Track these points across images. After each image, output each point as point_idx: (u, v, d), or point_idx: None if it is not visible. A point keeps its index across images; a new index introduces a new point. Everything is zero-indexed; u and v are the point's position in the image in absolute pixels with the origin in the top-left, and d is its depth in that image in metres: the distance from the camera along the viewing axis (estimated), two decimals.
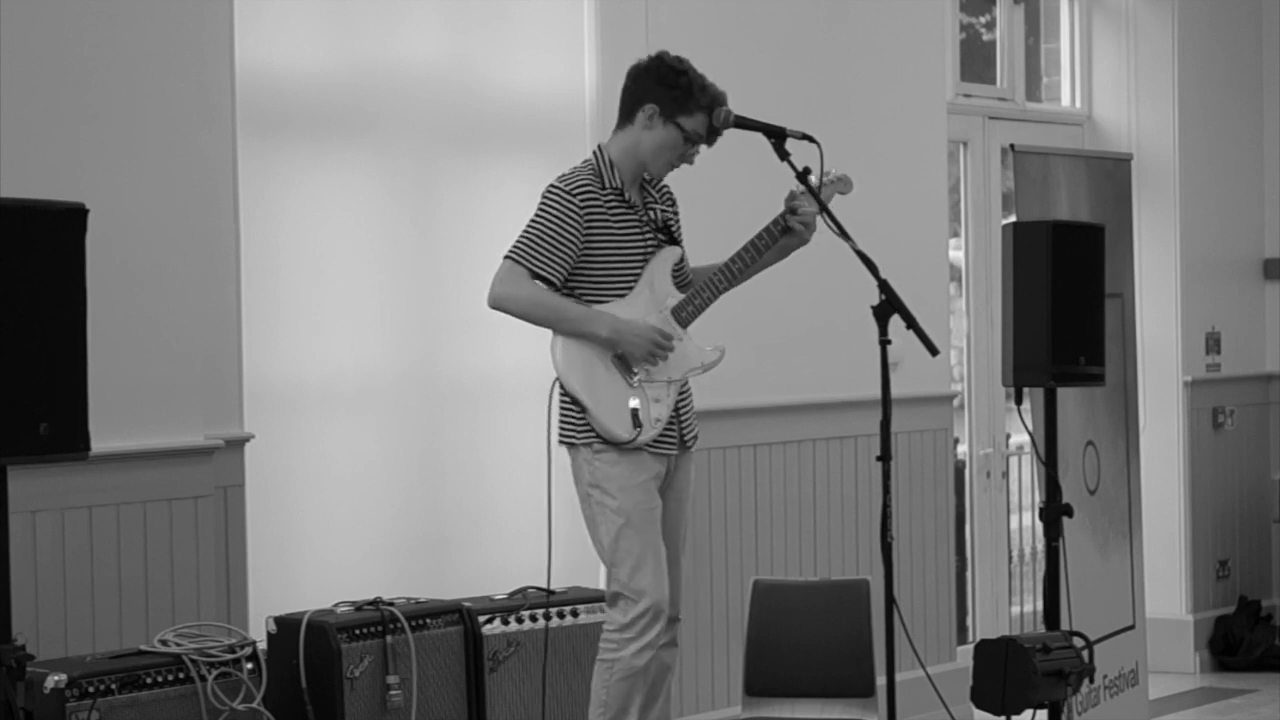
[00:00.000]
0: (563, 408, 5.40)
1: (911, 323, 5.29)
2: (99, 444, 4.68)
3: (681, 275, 5.56)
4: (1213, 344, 9.35)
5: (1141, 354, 8.53)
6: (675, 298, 5.48)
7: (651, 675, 5.37)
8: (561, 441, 5.41)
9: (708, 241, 5.71)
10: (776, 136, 5.44)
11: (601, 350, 5.35)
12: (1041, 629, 6.55)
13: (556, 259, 5.31)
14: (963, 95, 8.54)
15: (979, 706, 6.00)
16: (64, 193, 4.79)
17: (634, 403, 5.34)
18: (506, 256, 5.33)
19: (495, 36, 6.69)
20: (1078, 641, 6.04)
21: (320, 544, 6.22)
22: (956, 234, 8.50)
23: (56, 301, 4.50)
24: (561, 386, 5.37)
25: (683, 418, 5.49)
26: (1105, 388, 6.99)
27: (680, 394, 5.48)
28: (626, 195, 5.44)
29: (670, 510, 5.47)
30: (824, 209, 5.35)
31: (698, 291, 5.49)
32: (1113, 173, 7.63)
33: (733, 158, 6.72)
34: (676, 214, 5.60)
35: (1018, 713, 5.92)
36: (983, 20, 8.96)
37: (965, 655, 7.07)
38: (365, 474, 6.31)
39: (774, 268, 5.70)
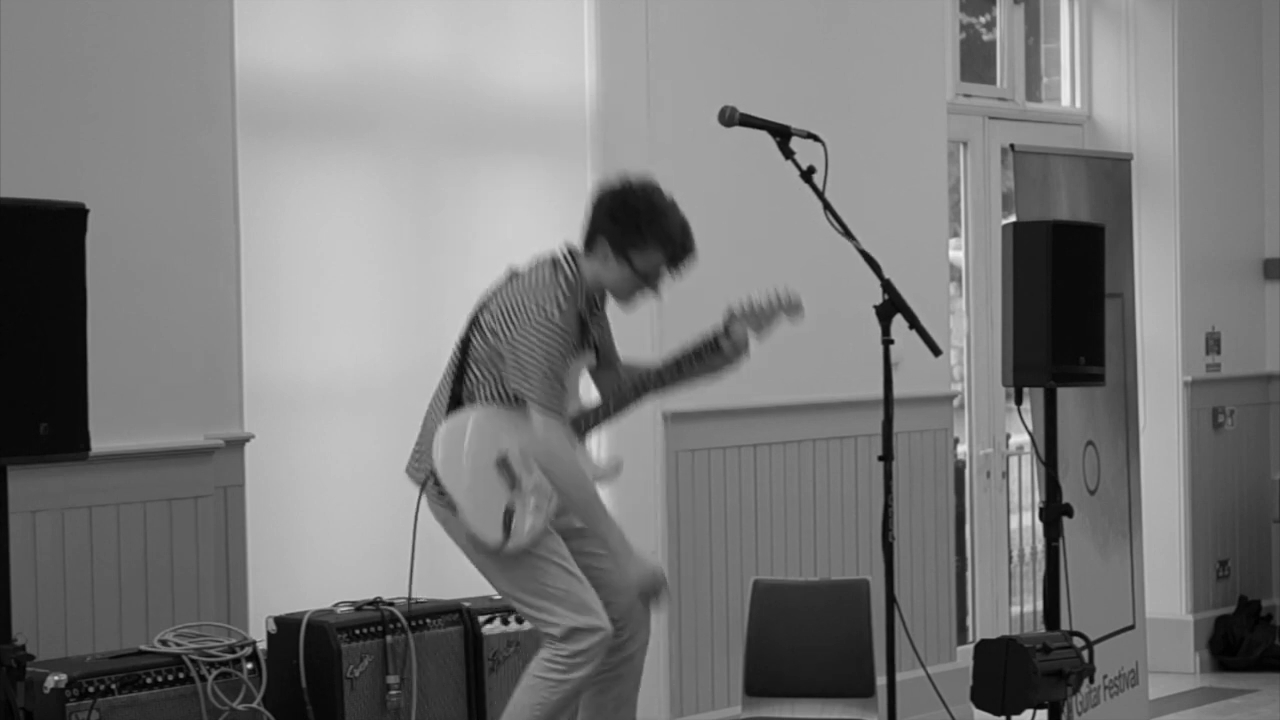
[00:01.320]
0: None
1: (914, 323, 5.28)
2: (99, 444, 4.67)
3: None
4: (1213, 344, 9.35)
5: (1141, 354, 8.52)
6: (577, 406, 5.37)
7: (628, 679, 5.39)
8: (434, 498, 5.30)
9: (709, 243, 5.68)
10: (781, 135, 5.43)
11: (490, 447, 5.21)
12: (1041, 629, 6.55)
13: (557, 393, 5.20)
14: (963, 95, 8.54)
15: (979, 706, 6.00)
16: (64, 193, 4.79)
17: (508, 509, 5.22)
18: (539, 405, 5.10)
19: (495, 36, 6.69)
20: (1078, 641, 6.04)
21: (320, 544, 6.22)
22: (956, 234, 8.50)
23: (56, 301, 4.50)
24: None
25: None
26: (1105, 388, 6.99)
27: None
28: (584, 317, 5.33)
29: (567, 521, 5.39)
30: (828, 208, 5.34)
31: (604, 403, 5.40)
32: (1113, 173, 7.62)
33: (733, 157, 6.73)
34: (608, 337, 5.48)
35: (1018, 713, 5.92)
36: (983, 20, 8.96)
37: (965, 655, 7.06)
38: (365, 474, 6.30)
39: (774, 266, 5.70)
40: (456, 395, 5.29)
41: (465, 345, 5.30)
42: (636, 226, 5.23)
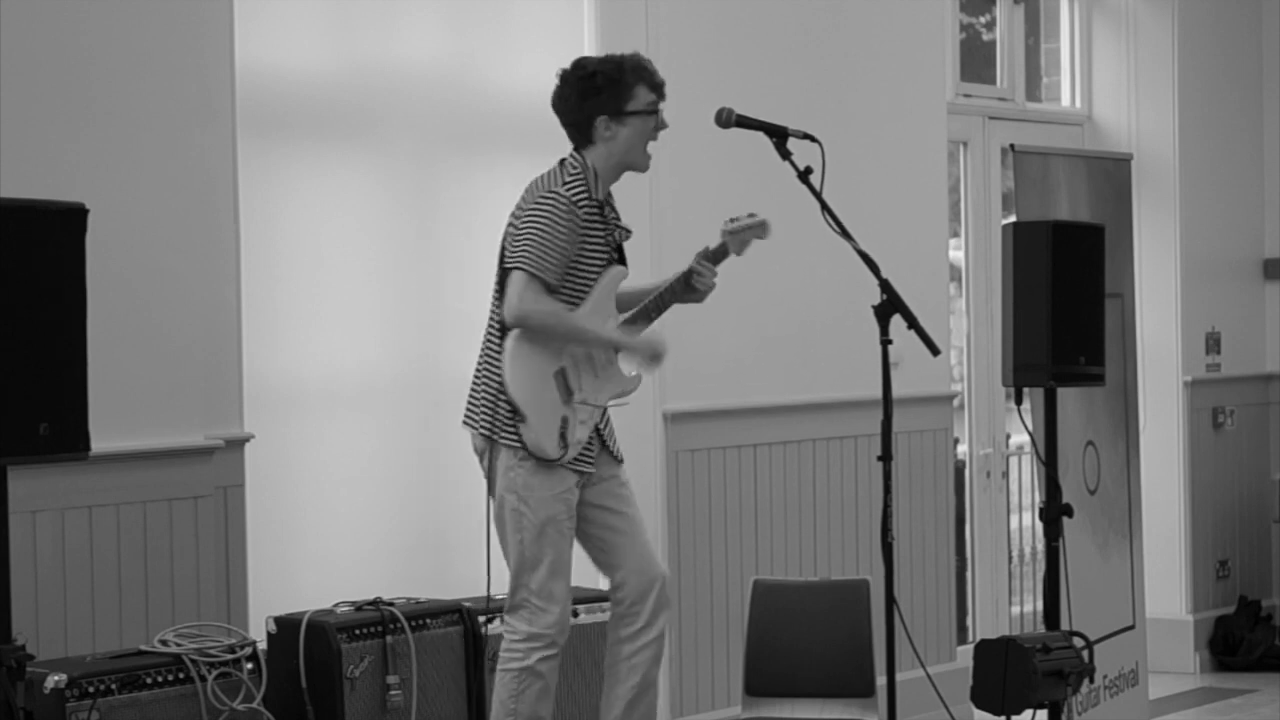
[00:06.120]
0: (495, 405, 5.34)
1: (913, 322, 5.29)
2: (99, 444, 4.68)
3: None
4: (1213, 344, 9.35)
5: (1141, 354, 8.53)
6: (615, 320, 5.44)
7: (641, 670, 5.37)
8: (481, 433, 5.33)
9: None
10: (778, 136, 5.44)
11: (549, 362, 5.30)
12: (1041, 629, 6.55)
13: (558, 269, 5.27)
14: (963, 95, 8.54)
15: (979, 706, 6.00)
16: (64, 193, 4.79)
17: (564, 421, 5.31)
18: (519, 268, 5.24)
19: (495, 36, 6.69)
20: (1078, 641, 6.04)
21: (320, 544, 6.22)
22: (956, 234, 8.50)
23: (56, 301, 4.51)
24: (501, 390, 5.31)
25: (605, 435, 5.45)
26: (1105, 388, 7.00)
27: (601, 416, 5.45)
28: (605, 211, 5.41)
29: (626, 514, 5.43)
30: (825, 208, 5.34)
31: (631, 322, 5.46)
32: (1113, 173, 7.63)
33: (733, 157, 6.73)
34: (628, 237, 5.55)
35: (1018, 713, 5.92)
36: (983, 20, 8.96)
37: (965, 655, 7.06)
38: (365, 474, 6.31)
39: (772, 267, 5.71)
40: (494, 318, 5.36)
41: (499, 267, 5.38)
42: (612, 81, 5.37)
